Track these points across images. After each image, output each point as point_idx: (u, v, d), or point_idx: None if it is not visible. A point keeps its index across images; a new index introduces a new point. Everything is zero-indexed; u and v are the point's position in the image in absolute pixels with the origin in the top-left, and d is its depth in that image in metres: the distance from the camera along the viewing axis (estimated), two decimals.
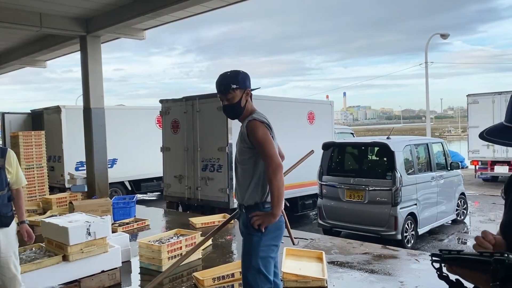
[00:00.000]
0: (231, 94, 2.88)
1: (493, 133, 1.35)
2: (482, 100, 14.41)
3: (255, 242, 2.81)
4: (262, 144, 2.80)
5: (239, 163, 2.95)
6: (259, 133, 2.81)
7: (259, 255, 2.80)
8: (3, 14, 7.74)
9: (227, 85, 2.89)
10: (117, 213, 7.71)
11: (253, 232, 2.83)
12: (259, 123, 2.84)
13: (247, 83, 2.95)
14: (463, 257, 1.16)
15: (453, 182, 8.70)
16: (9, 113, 12.89)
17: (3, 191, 3.55)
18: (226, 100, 2.92)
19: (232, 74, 2.93)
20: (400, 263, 5.31)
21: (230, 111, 2.98)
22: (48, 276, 4.20)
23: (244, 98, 2.92)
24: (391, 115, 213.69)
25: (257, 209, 2.86)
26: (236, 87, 2.88)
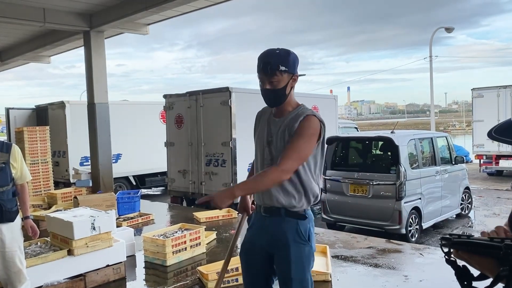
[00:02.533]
0: (277, 77, 2.35)
1: (502, 132, 1.33)
2: (487, 94, 14.34)
3: (307, 253, 2.40)
4: (300, 142, 2.32)
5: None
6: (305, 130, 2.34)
7: (311, 266, 2.44)
8: (6, 9, 7.74)
9: (275, 65, 2.33)
10: (122, 208, 7.74)
11: (304, 243, 2.40)
12: (316, 120, 2.38)
13: (296, 67, 2.43)
14: (473, 242, 1.14)
15: (458, 176, 8.67)
16: (14, 109, 12.94)
17: (8, 186, 3.57)
18: (269, 83, 2.38)
19: (281, 53, 2.38)
20: (404, 257, 5.31)
21: (272, 97, 2.44)
22: (53, 270, 4.23)
23: (290, 84, 2.40)
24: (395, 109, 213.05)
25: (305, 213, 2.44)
26: (285, 69, 2.35)
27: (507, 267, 1.05)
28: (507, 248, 1.06)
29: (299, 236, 2.39)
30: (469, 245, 1.15)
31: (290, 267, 2.37)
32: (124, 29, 9.23)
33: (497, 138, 1.33)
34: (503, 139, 1.33)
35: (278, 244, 2.41)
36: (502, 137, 1.32)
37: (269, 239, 2.46)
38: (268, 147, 2.48)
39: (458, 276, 1.17)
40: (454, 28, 19.56)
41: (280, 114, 2.49)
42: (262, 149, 2.52)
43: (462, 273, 1.17)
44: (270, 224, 2.46)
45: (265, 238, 2.47)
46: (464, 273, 1.17)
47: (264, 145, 2.51)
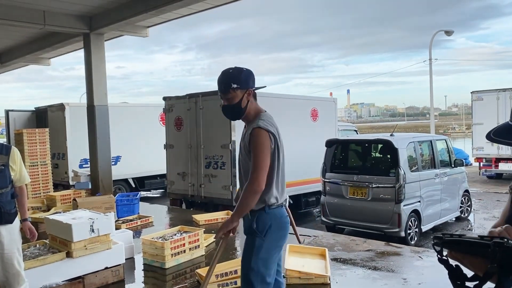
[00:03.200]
0: (231, 94, 2.69)
1: (500, 134, 1.33)
2: (487, 97, 14.35)
3: (258, 245, 2.73)
4: (258, 157, 2.63)
5: (243, 166, 2.83)
6: (258, 145, 2.65)
7: (259, 256, 2.72)
8: (6, 11, 7.76)
9: (227, 84, 2.69)
10: (121, 210, 7.73)
11: (257, 235, 2.74)
12: (262, 132, 2.66)
13: (249, 83, 2.74)
14: (463, 240, 1.16)
15: (457, 179, 8.67)
16: (13, 111, 12.93)
17: (7, 188, 3.57)
18: (226, 100, 2.74)
19: (234, 72, 2.73)
20: (404, 260, 5.30)
21: (230, 112, 2.82)
22: (52, 272, 4.22)
23: (245, 98, 2.71)
24: (395, 112, 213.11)
25: (263, 212, 2.75)
26: (237, 86, 2.67)
27: (495, 264, 1.06)
28: (495, 246, 1.07)
29: (253, 229, 2.74)
30: (460, 244, 1.16)
31: (242, 254, 2.83)
32: (124, 31, 9.24)
33: (495, 140, 1.33)
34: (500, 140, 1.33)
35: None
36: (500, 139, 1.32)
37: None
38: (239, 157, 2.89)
39: (451, 276, 1.17)
40: (454, 31, 19.58)
41: (246, 125, 2.83)
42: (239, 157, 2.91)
43: (455, 273, 1.18)
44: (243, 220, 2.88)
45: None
46: (457, 273, 1.18)
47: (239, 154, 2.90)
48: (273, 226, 2.74)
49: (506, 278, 1.06)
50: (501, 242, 1.07)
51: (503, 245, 1.07)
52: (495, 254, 1.07)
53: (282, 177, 2.82)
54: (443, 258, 1.19)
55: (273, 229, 2.74)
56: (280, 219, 2.80)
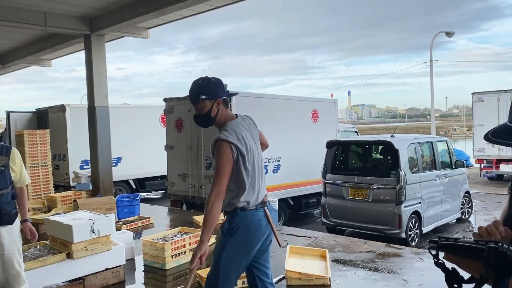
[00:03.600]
0: (200, 104, 2.83)
1: (498, 135, 1.34)
2: (488, 98, 14.34)
3: (224, 243, 2.84)
4: (218, 167, 2.73)
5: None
6: (218, 156, 2.74)
7: (223, 254, 2.81)
8: (7, 13, 7.77)
9: (197, 95, 2.83)
10: (121, 211, 7.74)
11: (225, 234, 2.85)
12: (223, 143, 2.74)
13: (218, 92, 2.86)
14: (459, 244, 1.17)
15: (458, 181, 8.66)
16: (14, 112, 12.94)
17: (7, 189, 3.57)
18: (196, 109, 2.88)
19: (202, 83, 2.87)
20: (404, 261, 5.30)
21: (200, 121, 2.94)
22: (52, 273, 4.22)
23: (215, 107, 2.84)
24: (396, 113, 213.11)
25: (235, 214, 2.84)
26: (205, 97, 2.81)
27: (490, 269, 1.07)
28: (489, 251, 1.09)
29: (225, 228, 2.86)
30: (455, 248, 1.17)
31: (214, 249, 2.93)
32: (125, 32, 9.25)
33: (492, 140, 1.34)
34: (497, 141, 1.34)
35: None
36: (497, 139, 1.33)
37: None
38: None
39: (448, 279, 1.18)
40: (455, 32, 19.58)
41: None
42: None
43: (452, 276, 1.18)
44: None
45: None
46: (454, 276, 1.18)
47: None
48: (242, 227, 2.82)
49: (502, 281, 1.07)
50: (495, 247, 1.09)
51: (497, 250, 1.08)
52: (489, 259, 1.08)
53: (254, 182, 2.87)
54: (439, 261, 1.21)
55: (242, 230, 2.81)
56: (251, 222, 2.85)
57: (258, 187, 2.91)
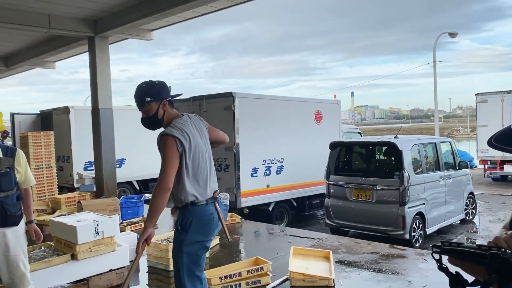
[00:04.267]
0: (146, 107, 2.92)
1: (501, 140, 1.32)
2: (491, 99, 14.30)
3: (181, 239, 2.93)
4: (163, 161, 2.86)
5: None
6: (163, 150, 2.87)
7: (183, 250, 2.91)
8: (11, 15, 7.81)
9: (142, 98, 2.92)
10: (125, 213, 7.76)
11: (179, 230, 2.95)
12: (168, 138, 2.86)
13: (162, 95, 2.96)
14: (462, 250, 1.18)
15: (462, 182, 8.64)
16: (19, 114, 13.01)
17: (12, 191, 3.59)
18: (143, 112, 2.96)
19: (147, 87, 2.96)
20: (408, 262, 5.29)
21: (148, 123, 3.03)
22: (57, 274, 4.24)
23: (161, 109, 2.94)
24: (399, 114, 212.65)
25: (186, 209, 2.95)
26: (151, 100, 2.91)
27: (493, 275, 1.08)
28: (492, 257, 1.09)
29: (179, 225, 2.96)
30: (458, 253, 1.18)
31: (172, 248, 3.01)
32: (128, 34, 9.27)
33: (497, 147, 1.32)
34: (502, 147, 1.32)
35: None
36: (502, 145, 1.31)
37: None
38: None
39: (451, 282, 1.19)
40: (458, 33, 19.54)
41: None
42: None
43: (456, 280, 1.19)
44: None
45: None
46: (458, 280, 1.18)
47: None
48: (194, 222, 2.92)
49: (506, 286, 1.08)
50: (497, 253, 1.09)
51: (500, 256, 1.09)
52: (492, 265, 1.09)
53: (203, 176, 2.98)
54: (442, 266, 1.21)
55: (194, 224, 2.92)
56: (202, 216, 2.95)
57: (207, 182, 3.00)
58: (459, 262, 1.19)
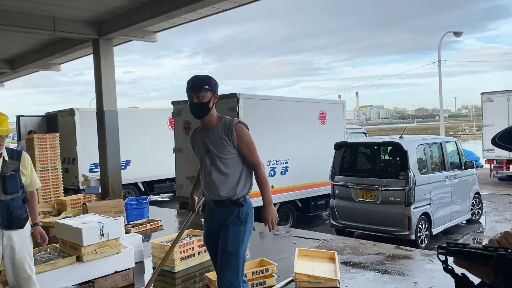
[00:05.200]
0: (202, 93, 3.03)
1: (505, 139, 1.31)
2: (497, 98, 14.21)
3: (243, 232, 3.04)
4: (251, 143, 3.09)
5: (223, 161, 3.06)
6: (246, 134, 3.09)
7: (244, 243, 3.06)
8: (16, 18, 7.85)
9: (201, 84, 3.05)
10: (130, 214, 7.77)
11: (243, 223, 3.06)
12: (244, 126, 3.11)
13: (216, 89, 3.14)
14: (467, 251, 1.16)
15: (468, 182, 8.59)
16: (24, 116, 13.08)
17: (18, 194, 3.60)
18: (197, 98, 3.05)
19: (206, 77, 3.12)
20: (414, 263, 5.26)
21: (198, 109, 3.10)
22: (63, 276, 4.26)
23: (212, 100, 3.09)
24: (404, 114, 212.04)
25: (245, 201, 3.11)
26: (208, 88, 3.05)
27: (500, 276, 1.06)
28: (498, 258, 1.08)
29: (236, 217, 3.05)
30: (464, 254, 1.16)
31: (227, 242, 3.01)
32: (133, 36, 9.31)
33: (501, 145, 1.31)
34: (506, 146, 1.31)
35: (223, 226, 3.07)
36: (506, 144, 1.30)
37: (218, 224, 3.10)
38: (207, 155, 3.12)
39: (457, 285, 1.17)
40: (463, 32, 19.44)
41: (208, 127, 3.14)
42: (202, 157, 3.17)
43: (462, 282, 1.17)
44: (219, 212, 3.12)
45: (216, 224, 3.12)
46: (464, 282, 1.17)
47: (203, 154, 3.15)
48: (250, 214, 3.12)
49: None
50: (504, 254, 1.08)
51: (506, 257, 1.07)
52: (499, 266, 1.07)
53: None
54: (448, 267, 1.20)
55: (250, 216, 3.12)
56: (252, 208, 3.18)
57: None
58: (465, 264, 1.17)
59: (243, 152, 3.06)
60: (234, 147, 3.04)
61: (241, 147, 3.04)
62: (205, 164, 3.13)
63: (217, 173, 3.07)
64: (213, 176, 3.08)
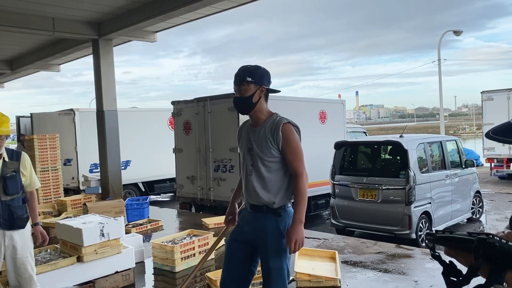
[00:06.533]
0: (244, 86, 2.75)
1: (498, 132, 1.34)
2: (497, 97, 14.21)
3: (285, 245, 2.74)
4: (297, 148, 2.78)
5: (265, 164, 2.77)
6: (293, 137, 2.77)
7: (288, 256, 2.80)
8: (16, 19, 7.85)
9: (243, 77, 2.76)
10: (131, 214, 7.77)
11: (282, 235, 2.76)
12: (294, 127, 2.81)
13: (264, 81, 2.80)
14: (451, 236, 1.20)
15: (468, 180, 8.59)
16: (24, 117, 13.08)
17: (18, 194, 3.61)
18: (239, 92, 2.78)
19: (251, 68, 2.81)
20: (415, 262, 5.26)
21: (240, 104, 2.84)
22: (63, 277, 4.25)
23: (257, 94, 2.77)
24: (404, 113, 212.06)
25: (284, 211, 2.80)
26: (251, 80, 2.74)
27: (480, 260, 1.09)
28: (478, 242, 1.10)
29: (278, 229, 2.75)
30: (449, 240, 1.20)
31: (268, 257, 2.74)
32: (132, 36, 9.31)
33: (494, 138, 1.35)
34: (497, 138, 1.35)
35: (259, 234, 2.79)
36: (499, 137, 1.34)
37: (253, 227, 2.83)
38: (249, 153, 2.84)
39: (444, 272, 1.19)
40: (463, 31, 19.44)
41: (256, 123, 2.85)
42: (244, 155, 2.91)
43: (449, 269, 1.19)
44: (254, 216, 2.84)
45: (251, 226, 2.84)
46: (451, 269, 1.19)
47: (246, 152, 2.88)
48: (288, 225, 2.78)
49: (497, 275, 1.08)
50: (484, 238, 1.10)
51: (486, 241, 1.10)
52: (478, 249, 1.10)
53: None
54: (435, 254, 1.23)
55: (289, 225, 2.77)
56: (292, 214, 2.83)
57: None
58: (454, 253, 1.20)
59: (287, 156, 2.75)
60: (278, 149, 2.74)
61: (285, 150, 2.74)
62: (246, 163, 2.86)
63: (257, 176, 2.78)
64: (253, 177, 2.79)
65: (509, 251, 1.08)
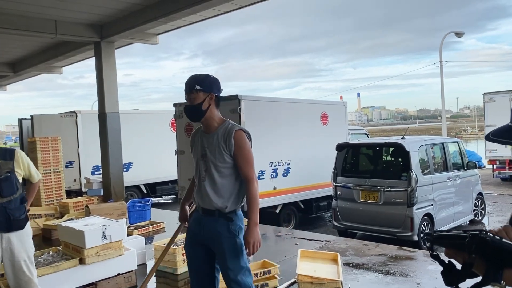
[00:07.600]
0: (193, 94, 2.86)
1: (498, 134, 1.36)
2: (499, 98, 14.18)
3: (239, 244, 2.86)
4: (247, 154, 2.87)
5: (218, 170, 2.87)
6: (245, 143, 2.87)
7: (244, 254, 2.88)
8: (18, 21, 7.88)
9: (192, 85, 2.87)
10: (133, 216, 7.77)
11: (237, 235, 2.88)
12: (245, 134, 2.91)
13: (213, 88, 2.90)
14: (448, 235, 1.22)
15: (470, 182, 8.57)
16: (26, 119, 13.10)
17: (15, 195, 3.55)
18: (189, 100, 2.90)
19: (200, 76, 2.93)
20: (417, 264, 5.25)
21: (190, 112, 2.95)
22: (65, 279, 4.26)
23: (206, 101, 2.87)
24: (406, 115, 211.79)
25: (235, 215, 2.91)
26: (200, 88, 2.85)
27: (473, 255, 1.11)
28: (471, 237, 1.12)
29: (233, 230, 2.87)
30: (446, 238, 1.22)
31: (226, 259, 2.83)
32: (134, 39, 9.32)
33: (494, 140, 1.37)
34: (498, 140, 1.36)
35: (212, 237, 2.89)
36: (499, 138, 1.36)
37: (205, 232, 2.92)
38: (203, 159, 2.94)
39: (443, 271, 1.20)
40: (464, 32, 19.43)
41: (209, 130, 2.95)
42: (197, 161, 2.99)
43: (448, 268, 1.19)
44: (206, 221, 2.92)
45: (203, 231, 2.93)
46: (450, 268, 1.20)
47: (199, 157, 2.97)
48: (241, 227, 2.93)
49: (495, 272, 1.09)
50: (476, 233, 1.13)
51: (478, 236, 1.12)
52: (471, 245, 1.12)
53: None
54: (434, 253, 1.25)
55: (241, 229, 2.93)
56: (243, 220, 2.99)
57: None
58: (453, 252, 1.20)
59: (238, 162, 2.84)
60: (230, 155, 2.83)
61: (237, 156, 2.83)
62: (200, 169, 2.96)
63: (210, 181, 2.87)
64: (206, 183, 2.89)
65: (501, 247, 1.09)
